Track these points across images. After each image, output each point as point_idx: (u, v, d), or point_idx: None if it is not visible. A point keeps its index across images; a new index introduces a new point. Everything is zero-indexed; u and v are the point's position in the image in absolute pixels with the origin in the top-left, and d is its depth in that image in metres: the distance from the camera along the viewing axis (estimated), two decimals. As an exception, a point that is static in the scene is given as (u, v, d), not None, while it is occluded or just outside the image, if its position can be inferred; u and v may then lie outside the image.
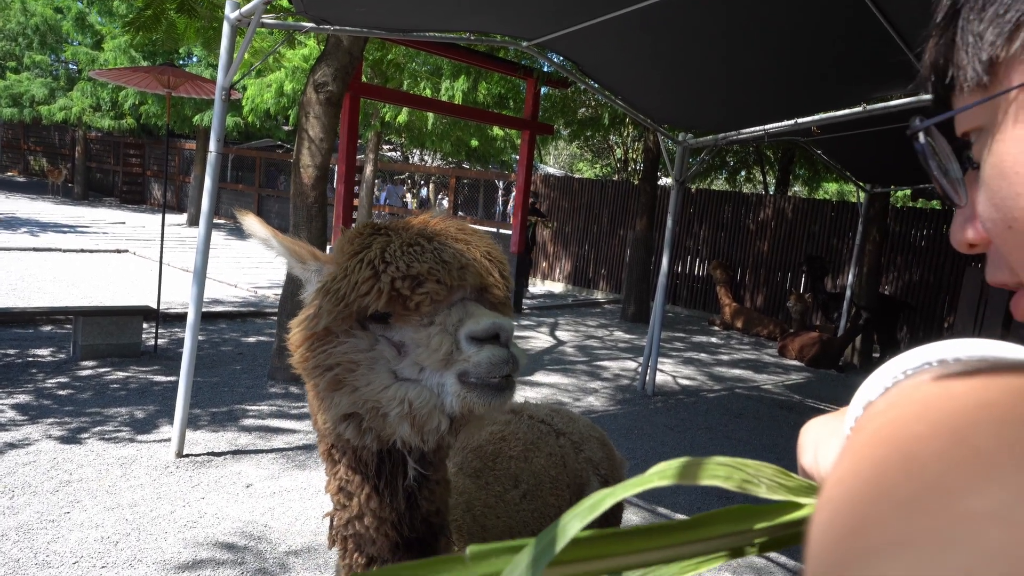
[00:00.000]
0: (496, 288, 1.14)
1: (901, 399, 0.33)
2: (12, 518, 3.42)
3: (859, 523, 0.25)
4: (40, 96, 19.82)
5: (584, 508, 0.37)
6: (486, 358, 1.03)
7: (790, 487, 0.46)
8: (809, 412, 7.03)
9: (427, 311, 1.08)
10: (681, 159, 6.97)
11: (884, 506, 0.25)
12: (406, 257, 1.08)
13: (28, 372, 5.62)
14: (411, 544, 1.21)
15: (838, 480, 0.29)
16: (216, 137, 4.43)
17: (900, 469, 0.26)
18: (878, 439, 0.29)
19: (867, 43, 4.61)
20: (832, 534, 0.26)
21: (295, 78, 12.98)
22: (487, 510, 1.64)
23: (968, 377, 0.31)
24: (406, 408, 1.07)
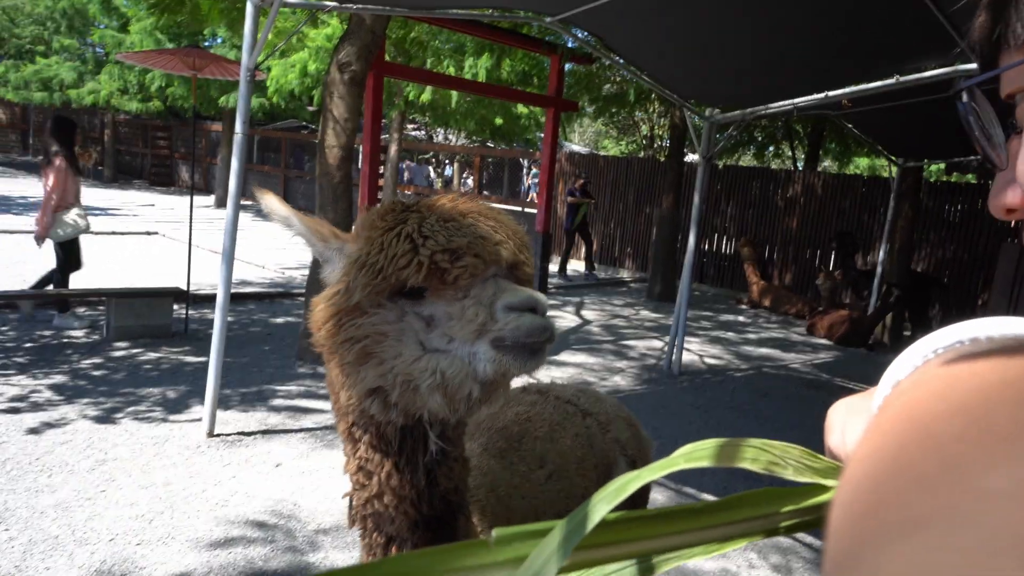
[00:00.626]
0: (527, 266, 1.16)
1: (926, 377, 0.32)
2: (50, 496, 3.51)
3: (877, 501, 0.25)
4: (69, 80, 20.08)
5: (611, 491, 0.36)
6: (526, 323, 1.06)
7: (817, 468, 0.46)
8: (838, 391, 6.93)
9: (464, 284, 1.09)
10: (708, 135, 6.85)
11: (901, 483, 0.25)
12: (445, 231, 1.10)
13: (63, 353, 5.74)
14: (430, 522, 1.22)
15: (860, 458, 0.29)
16: (242, 118, 4.44)
17: (918, 447, 0.26)
18: (900, 417, 0.29)
19: (900, 11, 4.46)
20: (852, 512, 0.26)
21: (319, 58, 12.98)
22: (512, 491, 1.64)
23: (995, 356, 0.31)
24: (438, 379, 1.08)
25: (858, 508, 0.26)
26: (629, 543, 0.37)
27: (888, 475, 0.26)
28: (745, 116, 6.66)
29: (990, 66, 0.45)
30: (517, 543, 0.35)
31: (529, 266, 1.16)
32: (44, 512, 3.35)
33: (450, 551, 0.34)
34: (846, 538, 0.26)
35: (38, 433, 4.21)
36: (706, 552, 0.40)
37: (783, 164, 19.38)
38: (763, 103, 6.41)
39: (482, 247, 1.10)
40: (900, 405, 0.31)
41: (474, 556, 0.34)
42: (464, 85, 11.52)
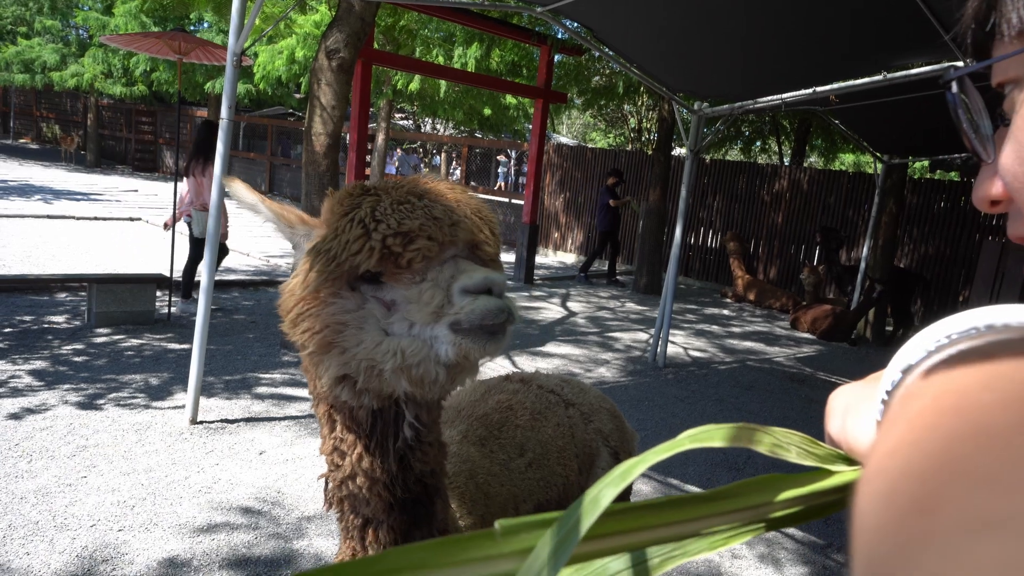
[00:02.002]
0: (487, 245, 1.13)
1: (959, 366, 0.31)
2: (31, 481, 3.48)
3: (928, 499, 0.24)
4: (52, 62, 19.76)
5: (615, 476, 0.36)
6: (481, 306, 1.04)
7: (819, 455, 0.46)
8: (820, 385, 7.01)
9: (419, 268, 1.07)
10: (696, 129, 6.86)
11: (959, 481, 0.23)
12: (397, 214, 1.08)
13: (44, 339, 5.68)
14: (405, 505, 1.22)
15: (891, 451, 0.27)
16: (227, 103, 4.39)
17: (973, 442, 0.24)
18: (940, 408, 0.27)
19: (888, 9, 4.49)
20: (894, 509, 0.25)
21: (307, 45, 12.86)
22: (491, 478, 1.64)
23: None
24: (399, 360, 1.07)
25: (903, 505, 0.25)
26: (633, 532, 0.37)
27: (941, 472, 0.24)
28: (733, 110, 6.69)
29: (982, 56, 0.45)
30: (523, 534, 0.35)
31: (491, 245, 1.13)
32: (24, 497, 3.32)
33: (457, 543, 0.34)
34: (891, 537, 0.24)
35: (18, 418, 4.16)
36: (711, 547, 0.39)
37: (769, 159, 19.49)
38: (751, 98, 6.44)
39: (435, 229, 1.07)
40: (936, 394, 0.29)
41: (481, 548, 0.34)
42: (453, 75, 11.47)
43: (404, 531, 1.23)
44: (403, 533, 1.23)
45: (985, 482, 0.23)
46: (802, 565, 3.56)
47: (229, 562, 3.03)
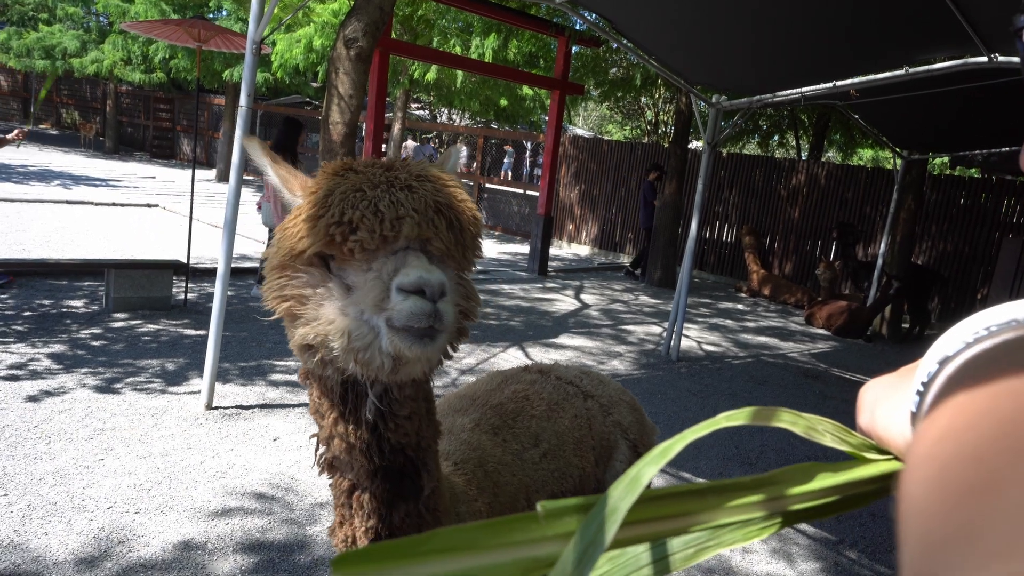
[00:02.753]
0: (437, 240, 1.10)
1: (1005, 354, 0.30)
2: (49, 463, 3.53)
3: (988, 481, 0.23)
4: (72, 49, 19.90)
5: (655, 455, 0.36)
6: (407, 308, 1.04)
7: (852, 443, 0.45)
8: (835, 381, 6.97)
9: (360, 258, 1.08)
10: (714, 122, 6.81)
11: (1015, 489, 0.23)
12: (343, 204, 1.09)
13: (63, 323, 5.75)
14: (388, 474, 1.24)
15: (941, 436, 0.26)
16: (246, 91, 4.41)
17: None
18: (994, 393, 0.27)
19: (912, 2, 4.42)
20: (950, 492, 0.24)
21: (324, 34, 12.87)
22: (501, 467, 1.65)
23: None
24: (346, 341, 1.08)
25: (962, 487, 0.24)
26: (673, 519, 0.37)
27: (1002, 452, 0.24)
28: (752, 104, 6.63)
29: None
30: (566, 517, 0.35)
31: (440, 240, 1.10)
32: (43, 479, 3.37)
33: (499, 525, 0.34)
34: (950, 520, 0.24)
35: (37, 401, 4.22)
36: (746, 537, 0.39)
37: (787, 153, 19.31)
38: (770, 91, 6.38)
39: (375, 222, 1.07)
40: (984, 381, 0.28)
41: (525, 531, 0.34)
42: (470, 65, 11.44)
43: (388, 500, 1.25)
44: (386, 502, 1.25)
45: None
46: (814, 560, 3.55)
47: (243, 546, 3.06)
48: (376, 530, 1.29)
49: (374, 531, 1.29)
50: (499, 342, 6.80)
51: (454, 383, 5.47)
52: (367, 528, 1.29)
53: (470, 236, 1.16)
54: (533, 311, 8.41)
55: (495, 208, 16.30)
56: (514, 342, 6.87)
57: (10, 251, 8.03)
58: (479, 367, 5.94)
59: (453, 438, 1.65)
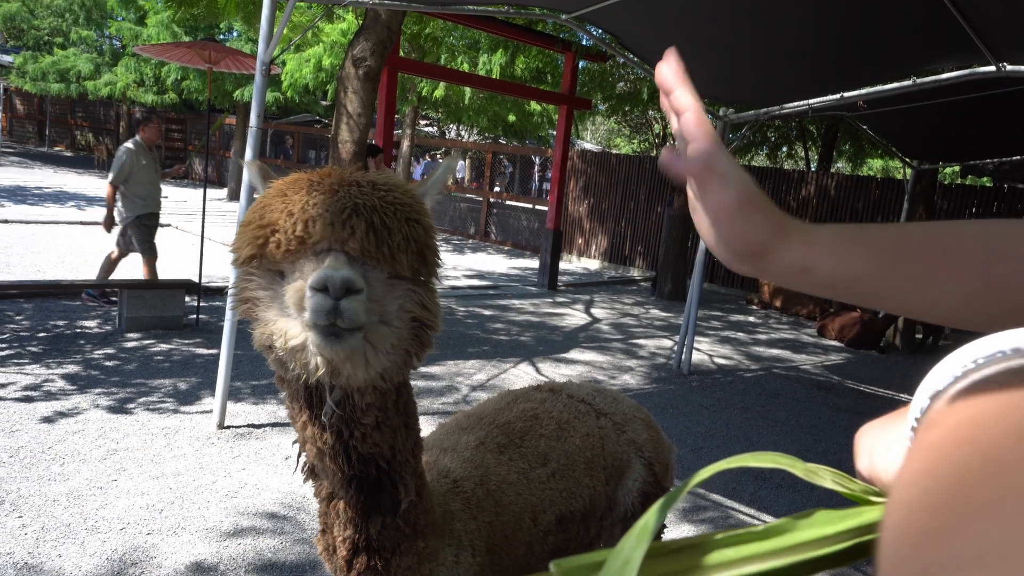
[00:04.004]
0: (353, 242, 1.10)
1: (979, 393, 0.30)
2: (63, 484, 3.55)
3: (938, 530, 0.24)
4: (86, 72, 20.22)
5: (663, 502, 0.36)
6: (311, 304, 1.07)
7: (854, 489, 0.45)
8: (848, 394, 6.90)
9: (284, 259, 1.12)
10: (722, 134, 6.82)
11: (964, 512, 0.23)
12: (264, 208, 1.14)
13: (77, 343, 5.79)
14: (363, 484, 1.25)
15: (910, 481, 0.27)
16: (257, 111, 4.46)
17: (981, 472, 0.24)
18: (956, 438, 0.27)
19: (918, 13, 4.42)
20: (908, 540, 0.25)
21: (333, 53, 13.01)
22: (505, 486, 1.63)
23: None
24: (284, 341, 1.12)
25: (916, 535, 0.25)
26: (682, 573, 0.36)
27: (948, 501, 0.24)
28: (759, 116, 6.63)
29: None
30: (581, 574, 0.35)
31: (356, 241, 1.10)
32: (56, 500, 3.39)
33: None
34: (905, 568, 0.24)
35: (51, 422, 4.25)
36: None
37: (796, 165, 19.27)
38: (777, 103, 6.39)
39: (288, 223, 1.10)
40: (953, 423, 0.29)
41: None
42: (478, 82, 11.52)
43: (363, 511, 1.27)
44: (362, 513, 1.27)
45: (988, 513, 0.23)
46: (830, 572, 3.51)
47: (255, 567, 3.06)
48: (353, 540, 1.30)
49: (351, 541, 1.31)
50: (509, 358, 6.79)
51: (465, 399, 5.46)
52: (344, 538, 1.31)
53: (400, 238, 1.13)
54: (543, 326, 8.40)
55: (504, 223, 16.34)
56: (524, 357, 6.86)
57: (26, 272, 8.11)
58: (490, 383, 5.93)
59: (456, 456, 1.65)
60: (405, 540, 1.31)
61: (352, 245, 1.10)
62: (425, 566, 1.36)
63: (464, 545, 1.46)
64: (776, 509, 4.17)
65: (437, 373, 6.03)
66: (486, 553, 1.50)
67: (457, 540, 1.46)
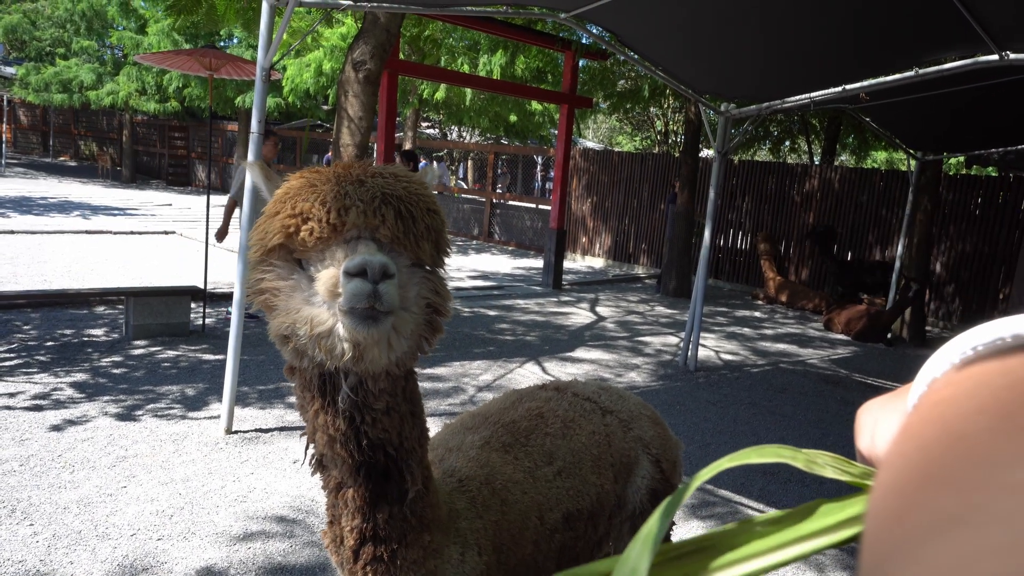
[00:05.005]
0: (384, 229, 1.15)
1: (958, 377, 0.31)
2: (73, 492, 3.56)
3: (904, 505, 0.24)
4: (88, 81, 20.29)
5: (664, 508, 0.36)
6: (349, 289, 1.09)
7: (853, 473, 0.45)
8: (856, 387, 6.88)
9: (314, 248, 1.14)
10: (723, 130, 6.81)
11: (927, 484, 0.24)
12: (295, 198, 1.16)
13: (84, 351, 5.82)
14: (371, 471, 1.27)
15: (887, 464, 0.28)
16: (258, 117, 4.47)
17: (945, 447, 0.25)
18: (928, 418, 0.28)
19: (919, 3, 4.41)
20: (881, 520, 0.25)
21: (333, 57, 13.04)
22: (512, 485, 1.63)
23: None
24: (309, 328, 1.14)
25: (887, 515, 0.25)
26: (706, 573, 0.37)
27: (914, 477, 0.25)
28: (761, 111, 6.62)
29: None
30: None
31: (387, 228, 1.14)
32: (67, 508, 3.40)
33: None
34: (876, 547, 0.25)
35: (60, 430, 4.27)
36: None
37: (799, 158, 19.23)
38: (779, 97, 6.37)
39: (322, 212, 1.13)
40: (929, 406, 0.29)
41: None
42: (478, 82, 11.53)
43: (372, 500, 1.29)
44: (370, 502, 1.29)
45: (945, 484, 0.23)
46: (842, 570, 3.49)
47: (265, 571, 3.07)
48: (361, 530, 1.32)
49: (359, 531, 1.32)
50: (515, 357, 6.79)
51: (471, 400, 5.46)
52: (352, 527, 1.32)
53: (423, 226, 1.19)
54: (549, 325, 8.40)
55: (507, 223, 16.34)
56: (530, 357, 6.86)
57: (32, 282, 8.15)
58: (496, 383, 5.93)
59: (461, 455, 1.65)
60: (412, 531, 1.33)
61: (384, 232, 1.15)
62: (431, 562, 1.37)
63: (470, 543, 1.46)
64: (785, 503, 4.16)
65: (443, 374, 6.03)
66: (492, 552, 1.51)
67: (463, 538, 1.46)
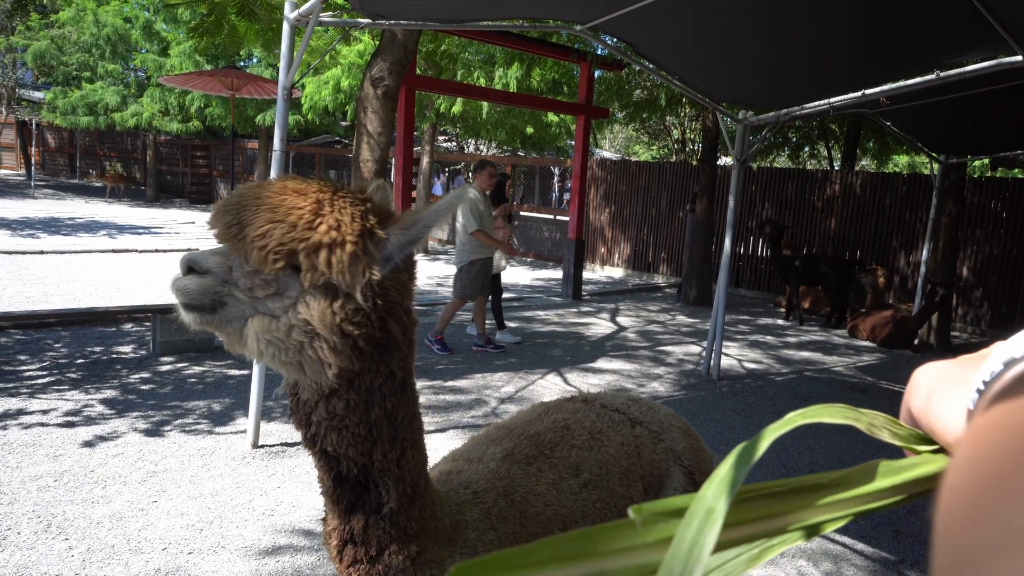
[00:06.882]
0: (217, 236, 1.28)
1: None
2: (106, 506, 3.62)
3: (978, 516, 0.24)
4: (113, 104, 20.71)
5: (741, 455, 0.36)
6: None
7: (901, 435, 0.45)
8: (883, 394, 6.79)
9: None
10: (742, 137, 6.79)
11: (1003, 498, 0.24)
12: None
13: (113, 368, 5.92)
14: (341, 481, 1.34)
15: (959, 464, 0.27)
16: (280, 135, 4.54)
17: (1015, 459, 0.25)
18: (1003, 423, 0.27)
19: (939, 6, 4.38)
20: (955, 525, 0.25)
21: (351, 74, 13.20)
22: (532, 497, 1.63)
23: None
24: None
25: (960, 520, 0.25)
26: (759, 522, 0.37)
27: (987, 487, 0.25)
28: (779, 117, 6.59)
29: None
30: (661, 523, 0.34)
31: (223, 234, 1.27)
32: (100, 522, 3.46)
33: (598, 533, 0.34)
34: (950, 552, 0.25)
35: (92, 446, 4.34)
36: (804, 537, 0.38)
37: (819, 164, 19.07)
38: (798, 104, 6.34)
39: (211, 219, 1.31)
40: (1006, 408, 0.28)
41: (623, 538, 0.34)
42: (495, 96, 11.60)
43: (347, 507, 1.34)
44: (346, 509, 1.34)
45: (1015, 499, 0.23)
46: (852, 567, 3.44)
47: (294, 583, 3.09)
48: (340, 533, 1.36)
49: (338, 533, 1.36)
50: (537, 369, 6.80)
51: (493, 412, 5.47)
52: (332, 528, 1.37)
53: (254, 234, 1.24)
54: (569, 336, 8.39)
55: (525, 235, 16.37)
56: (552, 368, 6.85)
57: (62, 301, 8.31)
58: (518, 395, 5.93)
59: (481, 467, 1.65)
60: (394, 541, 1.35)
61: (214, 235, 1.39)
62: (422, 571, 1.38)
63: (480, 555, 1.46)
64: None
65: (465, 387, 6.05)
66: None
67: (471, 549, 1.47)
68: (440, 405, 5.54)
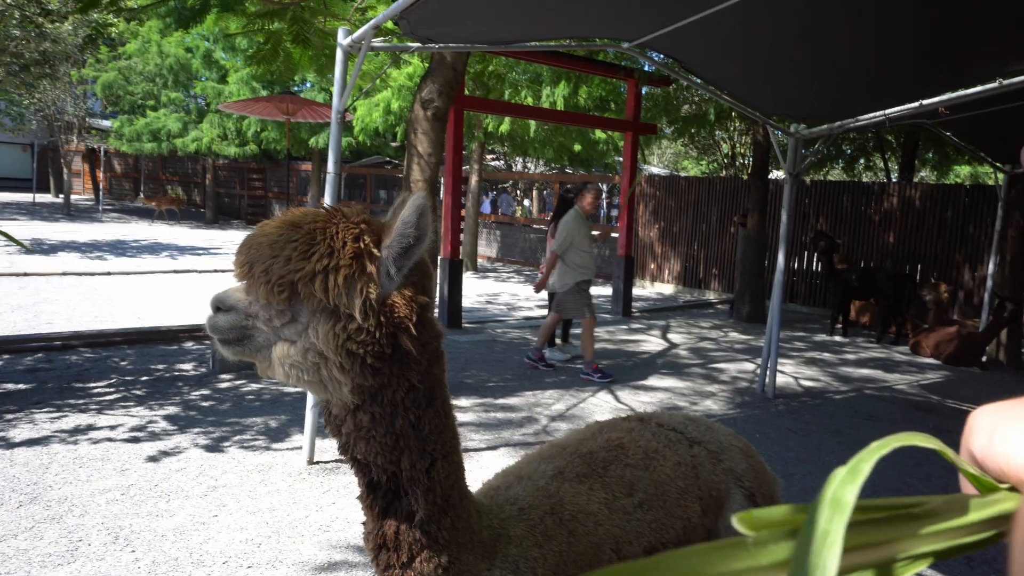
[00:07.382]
0: (237, 274, 1.34)
1: None
2: (169, 520, 3.73)
3: None
4: (175, 130, 21.59)
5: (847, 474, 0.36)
6: None
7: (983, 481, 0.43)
8: (951, 414, 6.53)
9: None
10: (794, 151, 6.67)
11: None
12: None
13: (175, 385, 6.12)
14: (375, 487, 1.38)
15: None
16: (334, 158, 4.67)
17: None
18: None
19: (998, 12, 4.25)
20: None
21: (401, 96, 13.47)
22: (584, 516, 1.61)
23: None
24: None
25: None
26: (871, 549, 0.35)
27: None
28: (833, 130, 6.47)
29: None
30: (772, 544, 0.34)
31: (239, 272, 1.33)
32: (164, 535, 3.57)
33: (713, 552, 0.33)
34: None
35: (156, 461, 4.49)
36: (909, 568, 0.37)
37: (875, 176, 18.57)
38: (852, 115, 6.21)
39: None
40: None
41: (737, 558, 0.33)
42: (542, 114, 11.68)
43: (378, 512, 1.39)
44: (378, 514, 1.39)
45: None
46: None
47: (349, 599, 3.12)
48: (373, 536, 1.39)
49: (372, 536, 1.40)
50: (588, 386, 6.76)
51: (544, 430, 5.46)
52: (367, 532, 1.41)
53: (259, 271, 1.30)
54: (620, 353, 8.33)
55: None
56: (602, 386, 6.81)
57: (128, 320, 8.65)
58: (568, 412, 5.91)
59: (530, 484, 1.65)
60: (424, 549, 1.37)
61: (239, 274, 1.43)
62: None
63: (521, 571, 1.46)
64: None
65: (515, 404, 6.06)
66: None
67: (512, 565, 1.47)
68: (491, 423, 5.56)
